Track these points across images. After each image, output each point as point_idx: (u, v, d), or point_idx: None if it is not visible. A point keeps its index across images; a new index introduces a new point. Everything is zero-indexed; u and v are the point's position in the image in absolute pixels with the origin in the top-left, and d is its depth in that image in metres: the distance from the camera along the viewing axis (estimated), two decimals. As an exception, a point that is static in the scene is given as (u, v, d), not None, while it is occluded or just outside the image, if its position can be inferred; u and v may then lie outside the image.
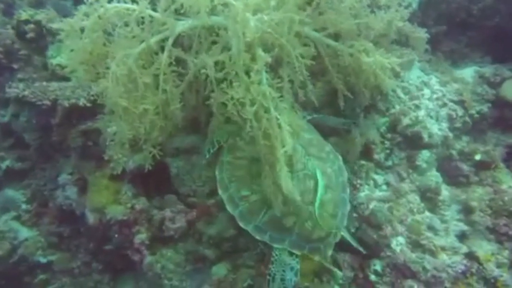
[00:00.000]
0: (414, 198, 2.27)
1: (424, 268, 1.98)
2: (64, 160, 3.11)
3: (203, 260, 2.14)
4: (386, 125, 2.36)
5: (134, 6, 1.55)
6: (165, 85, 1.57)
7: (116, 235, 2.38)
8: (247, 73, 1.51)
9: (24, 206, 3.39)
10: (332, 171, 1.89)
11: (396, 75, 2.10)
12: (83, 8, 1.47)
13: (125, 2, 1.53)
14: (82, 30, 1.48)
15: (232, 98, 1.47)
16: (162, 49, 1.63)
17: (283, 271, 1.77)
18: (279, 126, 1.51)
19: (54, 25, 1.50)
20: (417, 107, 2.38)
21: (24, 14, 2.51)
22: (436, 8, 2.67)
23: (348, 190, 1.94)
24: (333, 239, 1.83)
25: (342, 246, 2.28)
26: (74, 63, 1.53)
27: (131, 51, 1.52)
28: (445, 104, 2.46)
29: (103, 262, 3.17)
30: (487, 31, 2.69)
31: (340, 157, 2.00)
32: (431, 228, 2.15)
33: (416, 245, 2.11)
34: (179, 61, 1.65)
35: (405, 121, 2.33)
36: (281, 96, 1.58)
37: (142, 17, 1.57)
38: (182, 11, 1.63)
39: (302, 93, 1.79)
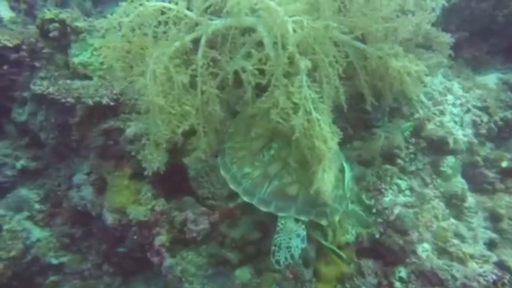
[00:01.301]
0: (439, 204, 2.24)
1: (453, 276, 1.94)
2: (79, 160, 3.10)
3: (225, 263, 2.10)
4: (410, 130, 2.34)
5: (172, 6, 1.54)
6: (203, 85, 1.55)
7: (135, 237, 2.35)
8: (286, 77, 1.51)
9: (37, 206, 3.36)
10: None
11: (421, 82, 2.08)
12: (123, 5, 1.46)
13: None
14: (120, 27, 1.47)
15: (276, 103, 1.46)
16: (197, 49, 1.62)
17: (289, 239, 1.73)
18: (320, 127, 1.50)
19: (96, 23, 1.49)
20: (442, 112, 2.36)
21: (48, 13, 2.51)
22: (459, 14, 2.67)
23: (346, 169, 1.88)
24: (339, 205, 1.78)
25: (365, 252, 2.26)
26: (111, 60, 1.51)
27: (167, 50, 1.51)
28: (469, 110, 2.45)
29: (114, 265, 3.14)
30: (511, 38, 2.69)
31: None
32: (458, 235, 2.12)
33: (442, 252, 2.08)
34: (214, 62, 1.64)
35: (430, 126, 2.31)
36: (321, 97, 1.56)
37: (178, 17, 1.56)
38: (215, 10, 1.62)
39: (334, 97, 1.77)
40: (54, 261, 3.23)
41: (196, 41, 1.67)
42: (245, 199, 1.82)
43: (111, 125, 2.32)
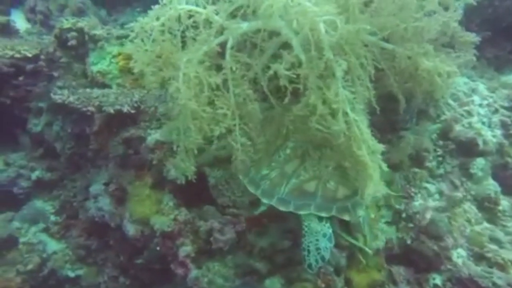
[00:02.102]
0: (471, 207, 2.17)
1: (494, 284, 1.86)
2: (95, 171, 3.07)
3: (254, 273, 2.04)
4: (437, 132, 2.29)
5: (201, 9, 1.51)
6: (236, 88, 1.51)
7: (158, 248, 2.29)
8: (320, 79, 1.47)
9: (52, 218, 3.32)
10: None
11: (452, 82, 2.03)
12: (156, 8, 1.43)
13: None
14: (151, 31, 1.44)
15: (313, 110, 1.42)
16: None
17: (316, 240, 1.69)
18: (359, 129, 1.45)
19: (128, 26, 1.46)
20: (469, 113, 2.30)
21: (66, 22, 2.50)
22: (481, 13, 2.63)
23: None
24: (361, 198, 1.71)
25: (395, 258, 2.19)
26: (141, 64, 1.48)
27: (196, 54, 1.48)
28: (496, 111, 2.39)
29: (131, 277, 3.08)
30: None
31: None
32: (494, 240, 2.04)
33: (479, 258, 2.00)
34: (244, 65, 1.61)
35: (458, 127, 2.25)
36: (356, 98, 1.52)
37: (208, 20, 1.53)
38: (245, 13, 1.59)
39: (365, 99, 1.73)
40: (71, 274, 3.18)
41: (225, 45, 1.64)
42: (265, 200, 1.79)
43: (132, 133, 2.29)
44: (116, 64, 2.47)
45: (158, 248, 2.29)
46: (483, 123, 2.31)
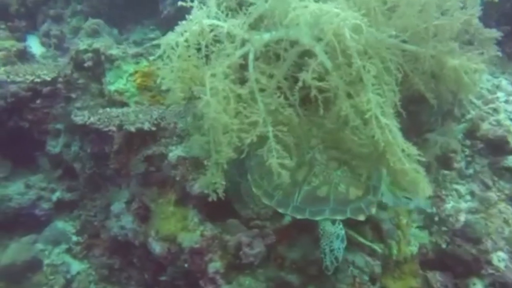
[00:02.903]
0: (507, 208, 2.10)
1: (542, 287, 1.79)
2: (115, 189, 3.07)
3: (286, 286, 1.99)
4: (464, 131, 2.23)
5: (222, 23, 1.51)
6: (265, 98, 1.50)
7: (186, 265, 2.26)
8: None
9: (74, 238, 3.32)
10: None
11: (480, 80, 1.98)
12: (183, 24, 1.43)
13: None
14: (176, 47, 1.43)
15: (345, 120, 1.40)
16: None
17: (331, 242, 1.74)
18: (391, 132, 1.42)
19: (157, 41, 1.46)
20: (495, 110, 2.25)
21: (82, 44, 2.52)
22: (499, 7, 2.58)
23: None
24: (373, 196, 1.73)
25: (429, 264, 2.12)
26: (169, 82, 1.47)
27: (220, 67, 1.47)
28: (523, 106, 2.33)
29: (156, 294, 3.04)
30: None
31: None
32: (535, 240, 1.97)
33: (522, 260, 1.93)
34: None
35: (485, 125, 2.19)
36: (385, 101, 1.50)
37: (230, 34, 1.52)
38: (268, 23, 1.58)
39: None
40: (95, 294, 3.16)
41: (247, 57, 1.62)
42: (280, 211, 1.82)
43: (153, 151, 2.27)
44: (133, 82, 2.48)
45: (186, 265, 2.26)
46: (511, 119, 2.25)
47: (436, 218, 2.07)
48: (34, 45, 3.36)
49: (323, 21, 1.40)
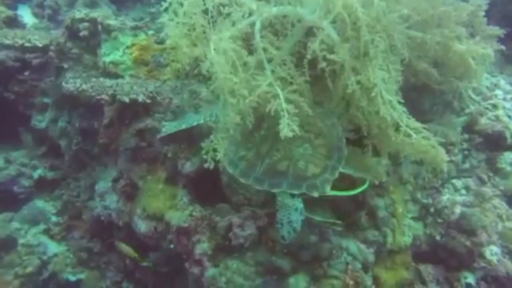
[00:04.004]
0: (501, 203, 2.09)
1: (535, 280, 1.77)
2: (101, 169, 2.94)
3: (276, 271, 1.91)
4: (463, 125, 2.23)
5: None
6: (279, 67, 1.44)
7: (172, 245, 2.16)
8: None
9: (54, 219, 3.17)
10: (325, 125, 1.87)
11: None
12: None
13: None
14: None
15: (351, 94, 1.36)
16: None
17: (289, 213, 1.78)
18: (394, 108, 1.39)
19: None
20: (495, 106, 2.25)
21: (78, 13, 2.42)
22: (501, 9, 2.62)
23: (344, 141, 1.84)
24: (330, 175, 1.77)
25: (422, 256, 2.09)
26: (176, 37, 1.40)
27: (228, 31, 1.41)
28: (520, 105, 2.34)
29: (136, 281, 2.92)
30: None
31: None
32: (528, 235, 1.96)
33: (514, 255, 1.91)
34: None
35: (484, 120, 2.19)
36: (390, 77, 1.46)
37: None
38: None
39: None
40: (72, 278, 3.01)
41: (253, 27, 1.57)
42: (242, 180, 1.87)
43: (146, 124, 2.18)
44: (130, 55, 2.39)
45: (172, 246, 2.16)
46: (509, 117, 2.25)
47: (432, 209, 2.03)
48: (26, 15, 3.23)
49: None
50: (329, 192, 1.75)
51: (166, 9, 1.42)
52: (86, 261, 3.09)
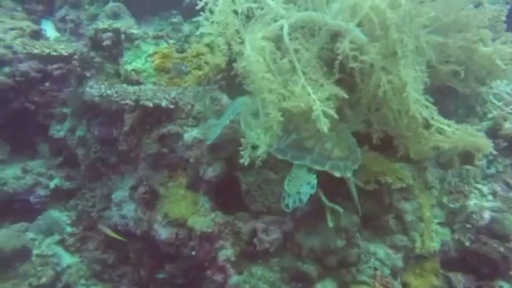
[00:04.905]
0: (530, 208, 2.04)
1: None
2: (117, 178, 2.93)
3: (303, 278, 1.86)
4: (486, 130, 2.21)
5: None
6: (313, 71, 1.46)
7: (193, 252, 2.12)
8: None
9: (68, 229, 3.14)
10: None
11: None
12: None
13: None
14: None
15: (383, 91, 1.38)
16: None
17: (300, 185, 1.78)
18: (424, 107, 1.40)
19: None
20: (517, 111, 2.24)
21: (102, 24, 2.49)
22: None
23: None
24: (352, 164, 1.81)
25: (451, 263, 2.02)
26: (212, 35, 1.43)
27: (261, 33, 1.44)
28: (542, 110, 2.33)
29: (149, 296, 2.85)
30: None
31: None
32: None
33: (549, 261, 1.84)
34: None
35: (507, 125, 2.18)
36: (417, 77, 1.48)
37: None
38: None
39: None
40: (85, 291, 2.95)
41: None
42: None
43: (168, 129, 2.19)
44: (152, 62, 2.43)
45: (193, 253, 2.12)
46: (532, 121, 2.24)
47: (459, 214, 1.99)
48: (49, 30, 3.33)
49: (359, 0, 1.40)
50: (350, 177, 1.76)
51: (202, 9, 1.44)
52: (100, 273, 3.04)
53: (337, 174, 1.75)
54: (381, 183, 1.93)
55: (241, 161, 1.64)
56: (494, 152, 1.96)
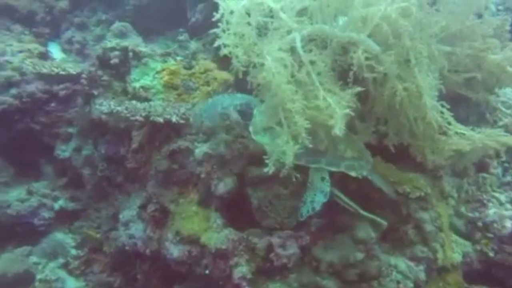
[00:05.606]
0: (549, 216, 2.00)
1: None
2: (124, 198, 2.88)
3: (322, 293, 1.79)
4: (497, 137, 2.20)
5: (273, 4, 1.52)
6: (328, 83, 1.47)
7: (207, 271, 2.04)
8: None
9: (73, 252, 3.05)
10: None
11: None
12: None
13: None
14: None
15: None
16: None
17: (314, 195, 1.82)
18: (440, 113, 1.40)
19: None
20: (527, 118, 2.24)
21: (110, 43, 2.52)
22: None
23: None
24: (366, 164, 1.83)
25: (475, 276, 1.96)
26: (230, 47, 1.44)
27: (277, 44, 1.45)
28: (551, 118, 2.33)
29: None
30: None
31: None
32: None
33: None
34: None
35: (520, 132, 2.17)
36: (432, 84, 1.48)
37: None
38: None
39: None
40: (90, 317, 2.84)
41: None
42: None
43: (179, 145, 2.16)
44: (160, 79, 2.44)
45: (207, 272, 2.04)
46: (543, 128, 2.23)
47: (480, 224, 1.95)
48: (55, 52, 3.38)
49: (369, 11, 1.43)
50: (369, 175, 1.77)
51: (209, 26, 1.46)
52: (106, 298, 2.93)
53: (353, 174, 1.78)
54: (397, 193, 1.91)
55: (265, 170, 1.60)
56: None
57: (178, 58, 2.56)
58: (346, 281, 1.78)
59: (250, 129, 2.07)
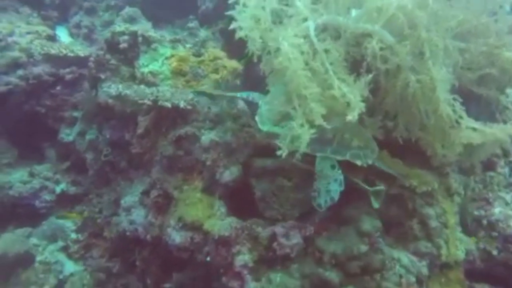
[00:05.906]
0: (556, 217, 1.99)
1: None
2: (126, 184, 2.87)
3: (324, 285, 1.78)
4: (506, 137, 2.19)
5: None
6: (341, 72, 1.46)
7: (209, 258, 2.03)
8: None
9: (73, 236, 3.05)
10: None
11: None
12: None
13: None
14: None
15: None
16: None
17: (328, 183, 1.80)
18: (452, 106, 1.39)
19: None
20: (536, 119, 2.22)
21: (119, 27, 2.50)
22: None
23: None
24: (371, 154, 1.83)
25: (476, 274, 1.95)
26: (246, 29, 1.42)
27: (293, 31, 1.43)
28: (561, 119, 2.31)
29: (154, 307, 2.73)
30: None
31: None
32: None
33: None
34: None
35: (528, 132, 2.15)
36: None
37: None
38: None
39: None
40: (87, 300, 2.83)
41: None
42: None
43: (186, 131, 2.15)
44: (169, 65, 2.42)
45: (208, 259, 2.04)
46: (552, 129, 2.21)
47: (485, 222, 1.94)
48: (63, 35, 3.36)
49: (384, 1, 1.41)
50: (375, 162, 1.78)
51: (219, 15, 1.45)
52: (104, 282, 2.92)
53: (358, 163, 1.78)
54: (403, 188, 1.90)
55: (279, 152, 1.59)
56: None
57: (188, 45, 2.54)
58: (349, 273, 1.76)
59: (256, 118, 2.07)
